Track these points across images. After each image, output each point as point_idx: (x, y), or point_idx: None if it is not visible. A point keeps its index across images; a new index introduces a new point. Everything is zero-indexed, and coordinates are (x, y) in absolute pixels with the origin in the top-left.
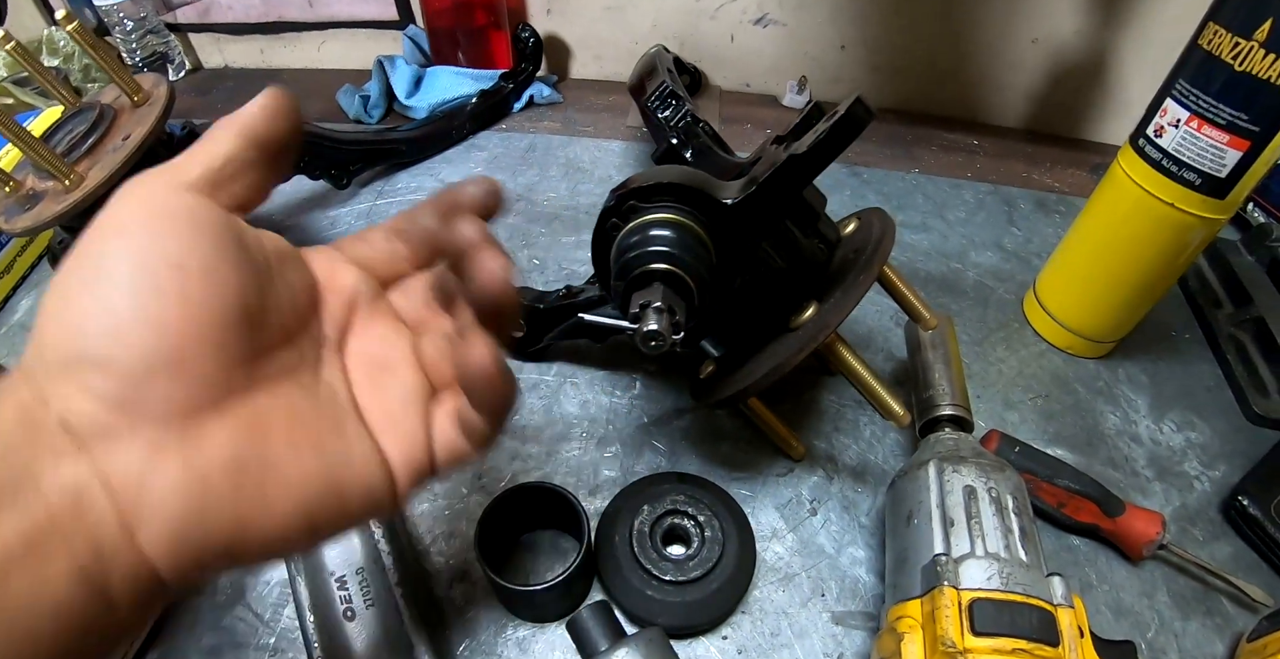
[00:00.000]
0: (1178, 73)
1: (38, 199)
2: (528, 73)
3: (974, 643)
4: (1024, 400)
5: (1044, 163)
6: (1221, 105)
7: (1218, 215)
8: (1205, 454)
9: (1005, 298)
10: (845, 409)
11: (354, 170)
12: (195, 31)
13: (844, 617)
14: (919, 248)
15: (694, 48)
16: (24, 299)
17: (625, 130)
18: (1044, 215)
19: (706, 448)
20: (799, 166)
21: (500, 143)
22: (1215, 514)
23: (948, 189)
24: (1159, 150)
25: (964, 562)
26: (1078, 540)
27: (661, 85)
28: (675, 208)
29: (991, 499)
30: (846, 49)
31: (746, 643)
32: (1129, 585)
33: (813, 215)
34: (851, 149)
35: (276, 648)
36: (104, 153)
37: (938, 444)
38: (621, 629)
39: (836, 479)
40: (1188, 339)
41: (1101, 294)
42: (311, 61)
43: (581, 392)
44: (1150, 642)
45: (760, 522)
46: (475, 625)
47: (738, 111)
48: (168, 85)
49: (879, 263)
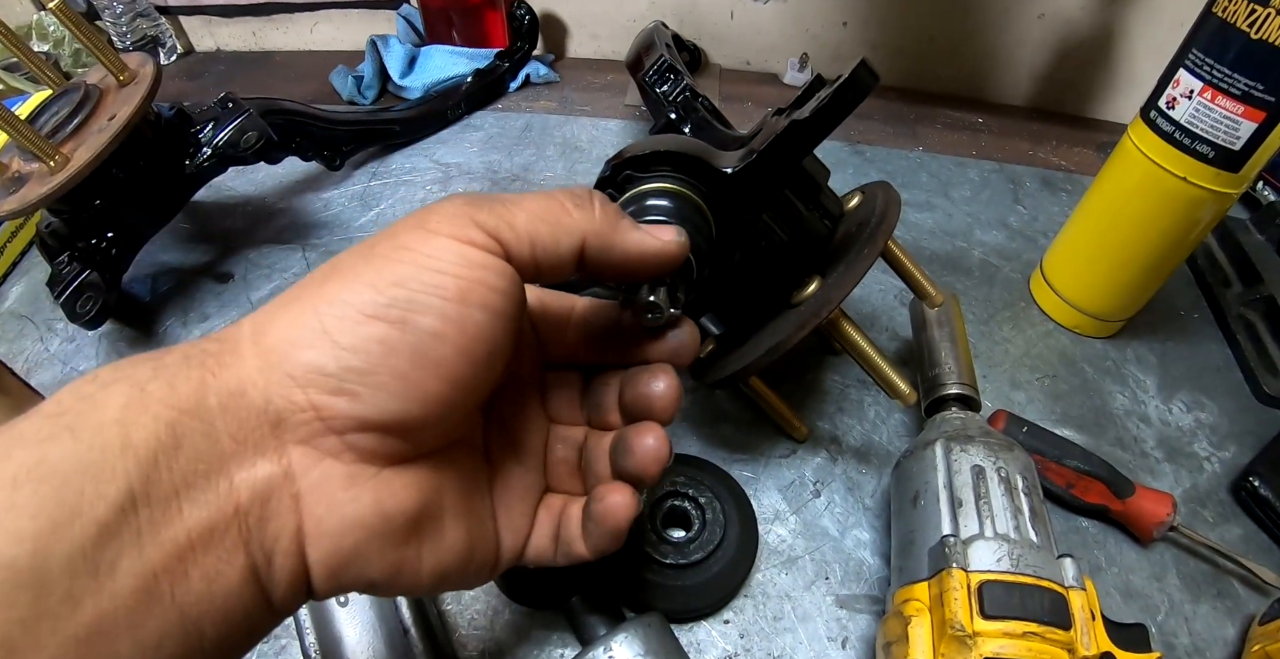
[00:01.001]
0: (1190, 42)
1: (23, 181)
2: (523, 52)
3: (984, 626)
4: (1031, 380)
5: (1049, 141)
6: (1236, 75)
7: (1230, 189)
8: (1215, 435)
9: (1011, 277)
10: (849, 389)
11: (347, 151)
12: (186, 14)
13: (848, 600)
14: (923, 227)
15: (693, 25)
16: (14, 286)
17: (623, 109)
18: (1050, 193)
19: (707, 429)
20: (802, 133)
21: (496, 123)
22: (1225, 495)
23: (952, 167)
24: (1171, 123)
25: (972, 543)
26: (1086, 522)
27: (659, 60)
28: (673, 177)
29: (1000, 479)
30: (849, 26)
31: (749, 627)
32: (1139, 568)
33: (815, 188)
34: (854, 127)
35: (270, 634)
36: (89, 133)
37: (944, 423)
38: (620, 614)
39: (840, 460)
40: (1196, 319)
41: (1110, 272)
42: (304, 43)
43: None
44: (1160, 625)
45: (762, 504)
46: (470, 611)
47: (738, 90)
48: (154, 64)
49: (884, 236)
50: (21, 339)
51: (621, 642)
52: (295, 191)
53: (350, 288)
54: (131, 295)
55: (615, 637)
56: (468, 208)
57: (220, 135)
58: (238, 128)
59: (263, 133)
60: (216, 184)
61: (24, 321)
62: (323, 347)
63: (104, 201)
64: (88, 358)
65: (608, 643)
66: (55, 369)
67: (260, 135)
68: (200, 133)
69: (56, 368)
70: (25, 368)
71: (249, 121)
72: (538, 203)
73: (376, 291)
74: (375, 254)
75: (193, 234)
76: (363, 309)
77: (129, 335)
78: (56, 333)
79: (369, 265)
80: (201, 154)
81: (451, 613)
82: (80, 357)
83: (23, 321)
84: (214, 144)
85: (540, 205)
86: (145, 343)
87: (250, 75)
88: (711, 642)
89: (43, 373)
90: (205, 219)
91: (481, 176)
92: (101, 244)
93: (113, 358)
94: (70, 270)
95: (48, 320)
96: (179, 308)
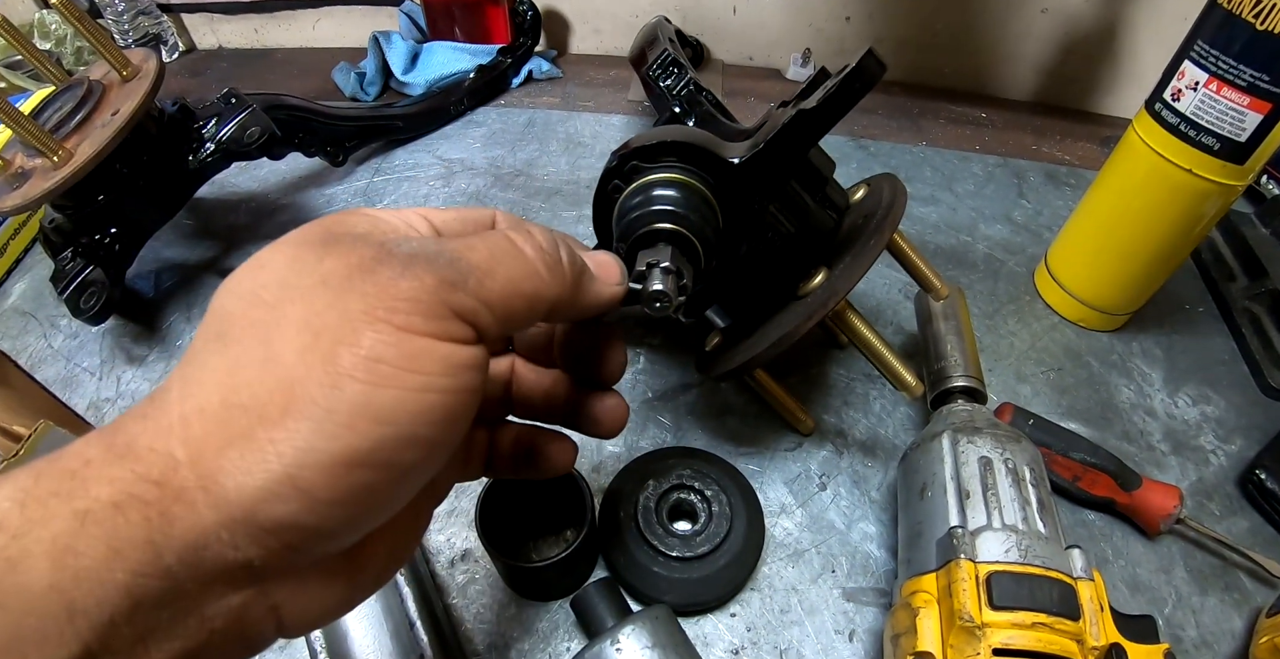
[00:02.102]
0: (1196, 33)
1: (26, 177)
2: (526, 47)
3: (992, 617)
4: (1036, 374)
5: (1053, 135)
6: (1242, 66)
7: (1236, 181)
8: (1221, 428)
9: (1016, 271)
10: (854, 383)
11: (350, 147)
12: (188, 12)
13: (855, 593)
14: (928, 221)
15: (695, 20)
16: (18, 283)
17: (626, 105)
18: (1054, 188)
19: (712, 423)
20: (809, 122)
21: (499, 118)
22: (1232, 489)
23: (956, 162)
24: (1176, 114)
25: (980, 534)
26: (1093, 515)
27: (663, 53)
28: (680, 168)
29: (1008, 470)
30: (852, 20)
31: (755, 620)
32: (1145, 561)
33: (821, 180)
34: (857, 121)
35: None
36: (93, 128)
37: (951, 415)
38: (627, 606)
39: (846, 454)
40: (1201, 312)
41: (1115, 266)
42: (306, 40)
43: None
44: (1168, 617)
45: (768, 497)
46: (477, 604)
47: (741, 85)
48: (157, 60)
49: (891, 226)
50: (25, 335)
51: (629, 634)
52: (298, 187)
53: (321, 429)
54: (135, 291)
55: (623, 629)
56: (442, 291)
57: (224, 131)
58: (241, 123)
59: (266, 128)
60: (219, 180)
61: (27, 318)
62: (296, 501)
63: (108, 197)
64: (91, 354)
65: (615, 635)
66: (59, 365)
67: (264, 130)
68: (204, 128)
69: (60, 364)
70: (29, 365)
71: (253, 117)
72: (510, 268)
73: (358, 435)
74: (340, 371)
75: (196, 230)
76: (342, 459)
77: (132, 331)
78: (60, 329)
79: (336, 391)
80: (205, 149)
81: (458, 607)
82: (83, 353)
83: (26, 318)
84: (218, 139)
85: (514, 271)
86: (149, 339)
87: (252, 72)
88: (718, 635)
89: (46, 369)
90: (208, 215)
91: (485, 172)
92: (105, 240)
93: (116, 354)
94: (74, 266)
95: (51, 317)
96: (182, 304)
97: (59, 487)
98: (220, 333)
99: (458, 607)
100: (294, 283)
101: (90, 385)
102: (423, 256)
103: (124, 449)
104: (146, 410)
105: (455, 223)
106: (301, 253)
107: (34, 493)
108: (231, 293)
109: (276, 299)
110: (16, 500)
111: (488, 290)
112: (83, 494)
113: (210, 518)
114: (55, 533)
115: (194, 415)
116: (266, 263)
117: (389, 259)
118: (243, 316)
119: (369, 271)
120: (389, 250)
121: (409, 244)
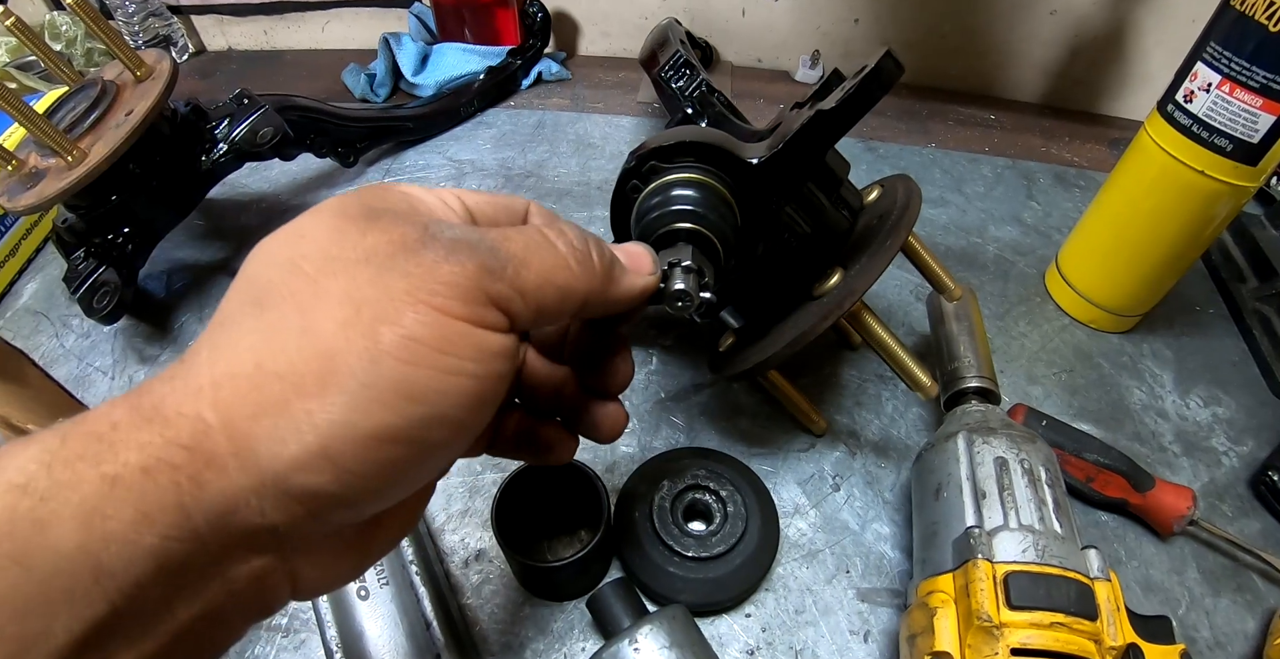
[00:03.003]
0: (1208, 35)
1: (40, 177)
2: (536, 49)
3: (1010, 617)
4: (1048, 375)
5: (1062, 137)
6: (1255, 68)
7: (1248, 183)
8: (1232, 429)
9: (1026, 272)
10: (866, 384)
11: (361, 148)
12: (198, 13)
13: (870, 593)
14: (937, 222)
15: (704, 22)
16: (30, 283)
17: (635, 106)
18: (1063, 190)
19: (725, 423)
20: (827, 123)
21: (509, 120)
22: (1244, 490)
23: (965, 164)
24: (1189, 116)
25: (997, 534)
26: (1106, 516)
27: (675, 55)
28: (698, 168)
29: (1024, 470)
30: (860, 23)
31: (770, 620)
32: (1158, 562)
33: (836, 181)
34: (866, 123)
35: (289, 628)
36: (107, 128)
37: (965, 416)
38: (643, 607)
39: (859, 454)
40: (1212, 314)
41: (1126, 267)
42: (316, 42)
43: None
44: (1181, 618)
45: (782, 498)
46: (492, 604)
47: (750, 87)
48: (170, 60)
49: (907, 227)
50: (37, 335)
51: (647, 634)
52: (309, 188)
53: (357, 403)
54: (147, 292)
55: (640, 629)
56: (481, 278)
57: (236, 131)
58: (254, 124)
59: (279, 129)
60: (231, 181)
61: (39, 318)
62: (328, 472)
63: (120, 197)
64: (103, 354)
65: (633, 635)
66: (71, 365)
67: (276, 131)
68: (216, 129)
69: (72, 364)
70: (41, 364)
71: (265, 117)
72: (544, 260)
73: (391, 411)
74: (380, 348)
75: (208, 231)
76: (375, 434)
77: (144, 331)
78: (72, 329)
79: (375, 366)
80: (217, 150)
81: (473, 607)
82: (95, 352)
83: (38, 318)
84: (230, 140)
85: (547, 263)
86: (161, 339)
87: (262, 74)
88: (734, 635)
89: (58, 369)
90: (220, 216)
91: (495, 173)
92: (118, 240)
93: (129, 354)
94: (86, 266)
95: (63, 316)
96: (194, 304)
97: (85, 449)
98: (256, 299)
99: (473, 607)
100: (336, 255)
101: (103, 385)
102: (465, 243)
103: (151, 411)
104: (175, 372)
105: (488, 206)
106: (344, 225)
107: (60, 455)
108: (269, 259)
109: (318, 270)
110: (43, 462)
111: (523, 280)
112: (111, 459)
113: (241, 483)
114: (84, 495)
115: (225, 380)
116: (307, 232)
117: (433, 242)
118: (282, 285)
119: (413, 252)
120: (432, 233)
121: (452, 230)
